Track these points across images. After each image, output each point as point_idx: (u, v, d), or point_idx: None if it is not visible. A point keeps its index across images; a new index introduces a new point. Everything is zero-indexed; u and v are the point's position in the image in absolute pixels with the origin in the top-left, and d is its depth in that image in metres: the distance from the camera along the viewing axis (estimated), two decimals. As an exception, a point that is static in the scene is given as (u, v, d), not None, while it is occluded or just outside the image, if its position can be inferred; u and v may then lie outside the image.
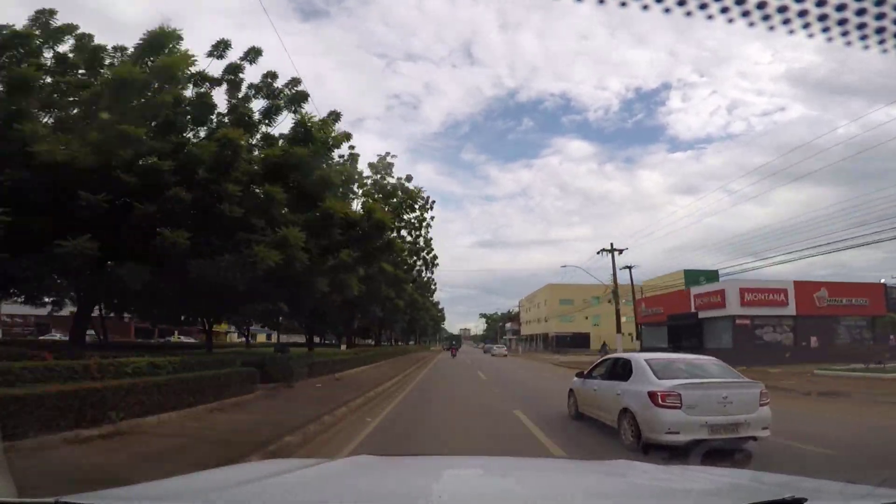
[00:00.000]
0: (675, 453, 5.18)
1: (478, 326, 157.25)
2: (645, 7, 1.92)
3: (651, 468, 2.39)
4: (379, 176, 27.49)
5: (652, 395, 6.56)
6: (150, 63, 10.25)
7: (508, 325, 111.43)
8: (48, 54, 10.86)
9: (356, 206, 18.11)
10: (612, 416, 7.49)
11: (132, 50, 11.12)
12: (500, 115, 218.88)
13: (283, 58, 72.32)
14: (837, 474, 1.98)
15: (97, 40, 11.48)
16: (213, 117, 12.02)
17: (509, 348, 78.41)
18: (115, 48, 11.66)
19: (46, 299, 16.17)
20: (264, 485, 1.81)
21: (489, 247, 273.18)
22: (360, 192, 24.54)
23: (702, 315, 31.75)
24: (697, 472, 2.19)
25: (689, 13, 1.91)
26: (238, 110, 12.05)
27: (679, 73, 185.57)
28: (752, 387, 6.79)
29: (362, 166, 24.97)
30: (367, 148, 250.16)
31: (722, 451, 6.20)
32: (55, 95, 10.50)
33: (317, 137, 12.23)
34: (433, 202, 32.88)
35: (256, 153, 12.34)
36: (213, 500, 1.62)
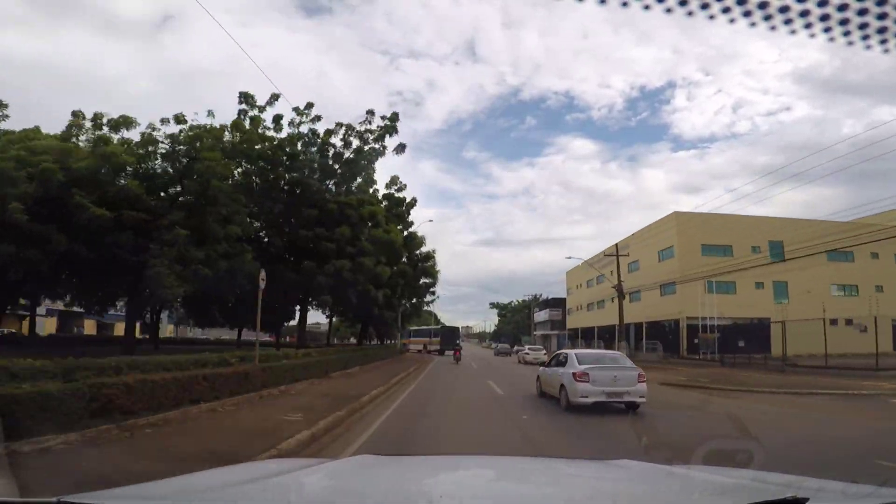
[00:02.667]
0: (678, 453, 5.17)
1: (487, 322, 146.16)
2: (646, 7, 1.92)
3: (653, 467, 2.39)
4: None
5: (574, 374, 10.13)
6: None
7: (543, 313, 73.16)
8: None
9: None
10: (556, 391, 11.09)
11: None
12: (503, 112, 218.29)
13: (285, 53, 71.85)
14: (840, 474, 1.97)
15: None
16: None
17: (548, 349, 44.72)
18: None
19: None
20: (265, 485, 1.81)
21: (491, 245, 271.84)
22: None
23: None
24: (700, 471, 2.19)
25: (690, 13, 1.91)
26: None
27: (684, 71, 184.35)
28: (634, 370, 10.35)
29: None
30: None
31: (724, 451, 6.20)
32: None
33: None
34: None
35: None
36: (213, 500, 1.63)
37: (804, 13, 1.83)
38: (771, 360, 25.06)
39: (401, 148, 25.18)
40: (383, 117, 24.45)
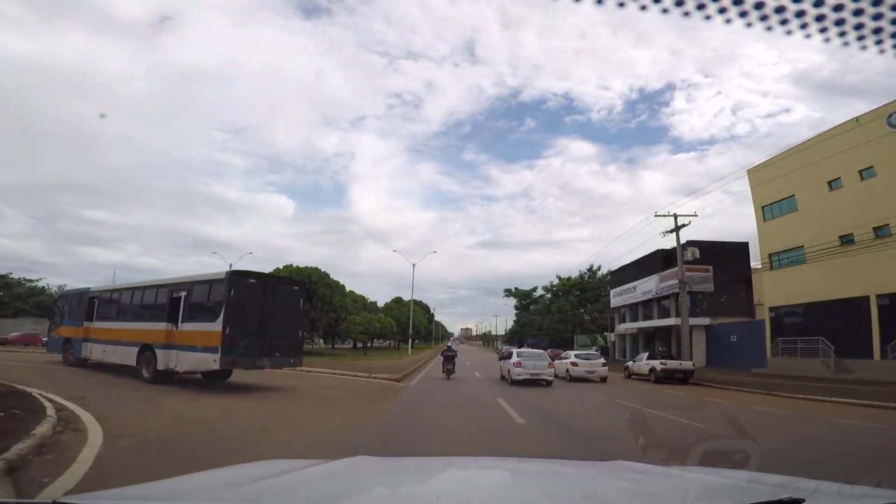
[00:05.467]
0: (674, 453, 5.21)
1: (500, 319, 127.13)
2: (643, 7, 1.92)
3: (650, 468, 2.39)
4: None
5: (514, 363, 17.89)
6: None
7: (650, 282, 39.03)
8: None
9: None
10: (506, 374, 18.62)
11: None
12: (502, 114, 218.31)
13: (283, 55, 71.53)
14: (835, 475, 1.97)
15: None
16: None
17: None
18: None
19: None
20: (264, 485, 1.81)
21: (490, 247, 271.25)
22: None
23: None
24: (696, 472, 2.19)
25: (686, 13, 1.91)
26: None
27: (683, 73, 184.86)
28: (546, 359, 18.65)
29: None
30: (366, 148, 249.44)
31: (720, 451, 6.27)
32: None
33: None
34: None
35: None
36: (209, 501, 1.62)
37: (800, 13, 1.84)
38: None
39: None
40: None
